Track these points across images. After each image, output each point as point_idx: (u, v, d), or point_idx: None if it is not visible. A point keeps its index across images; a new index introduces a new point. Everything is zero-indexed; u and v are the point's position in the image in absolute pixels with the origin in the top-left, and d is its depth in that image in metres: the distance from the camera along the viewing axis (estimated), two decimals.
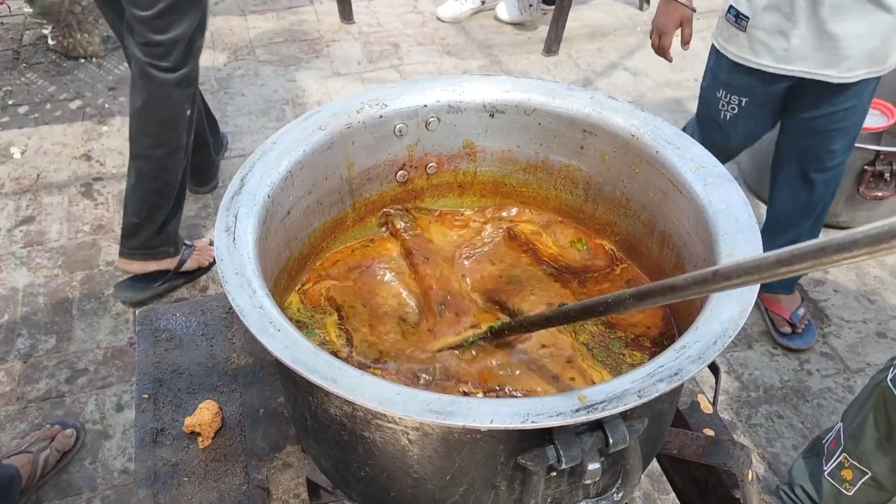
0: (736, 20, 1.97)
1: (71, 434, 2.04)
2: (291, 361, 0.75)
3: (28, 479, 1.91)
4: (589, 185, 1.19)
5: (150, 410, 1.15)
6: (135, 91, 2.16)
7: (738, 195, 0.96)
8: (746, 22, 1.94)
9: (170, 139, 2.21)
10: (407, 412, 0.71)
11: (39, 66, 3.61)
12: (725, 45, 2.05)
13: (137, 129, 2.20)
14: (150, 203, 2.28)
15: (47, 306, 2.48)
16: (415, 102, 1.14)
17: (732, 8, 1.99)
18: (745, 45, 1.99)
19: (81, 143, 3.17)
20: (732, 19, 1.99)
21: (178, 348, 1.25)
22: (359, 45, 3.87)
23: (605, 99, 1.12)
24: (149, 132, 2.19)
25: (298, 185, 1.06)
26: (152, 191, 2.26)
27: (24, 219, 2.80)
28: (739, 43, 2.00)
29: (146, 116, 2.17)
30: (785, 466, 2.14)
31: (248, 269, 0.86)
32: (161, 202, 2.28)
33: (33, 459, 1.93)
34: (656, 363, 0.76)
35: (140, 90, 2.14)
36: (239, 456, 1.09)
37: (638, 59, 3.88)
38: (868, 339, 2.54)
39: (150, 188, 2.25)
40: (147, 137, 2.19)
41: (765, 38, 1.94)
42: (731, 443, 1.05)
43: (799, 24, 1.87)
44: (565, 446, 0.74)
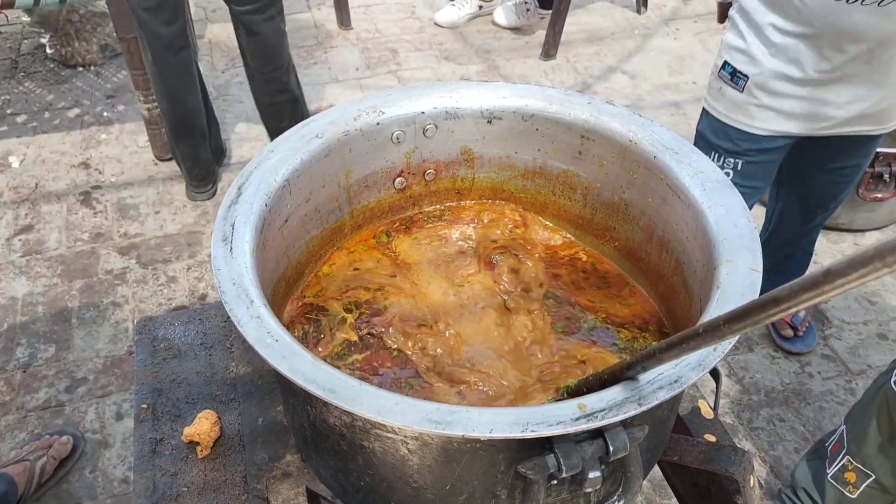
0: (731, 78, 1.76)
1: (67, 441, 2.03)
2: (289, 372, 0.75)
3: (24, 487, 1.90)
4: (587, 191, 1.18)
5: (148, 421, 1.15)
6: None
7: (736, 200, 0.95)
8: (745, 81, 1.73)
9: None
10: (406, 422, 0.70)
11: (38, 75, 3.61)
12: (716, 105, 1.83)
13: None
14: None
15: (46, 315, 2.48)
16: (412, 109, 1.14)
17: (727, 64, 1.77)
18: (741, 107, 1.77)
19: (80, 151, 3.17)
20: (727, 77, 1.77)
21: (176, 358, 1.25)
22: (357, 52, 3.87)
23: (603, 104, 1.12)
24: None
25: (296, 193, 1.05)
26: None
27: (22, 228, 2.80)
28: (735, 104, 1.78)
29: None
30: (787, 470, 2.14)
31: (246, 278, 0.86)
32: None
33: (29, 468, 1.92)
34: (656, 371, 0.76)
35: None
36: (238, 466, 1.09)
37: (636, 63, 3.88)
38: (869, 340, 2.53)
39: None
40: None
41: (767, 99, 1.73)
42: (732, 449, 1.04)
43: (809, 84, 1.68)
44: (566, 455, 0.74)
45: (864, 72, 1.64)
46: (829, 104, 1.70)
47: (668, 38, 4.09)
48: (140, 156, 3.15)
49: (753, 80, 1.71)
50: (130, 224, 2.84)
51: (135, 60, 2.76)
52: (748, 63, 1.72)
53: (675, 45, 4.03)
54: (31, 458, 1.95)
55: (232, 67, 3.69)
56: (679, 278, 1.04)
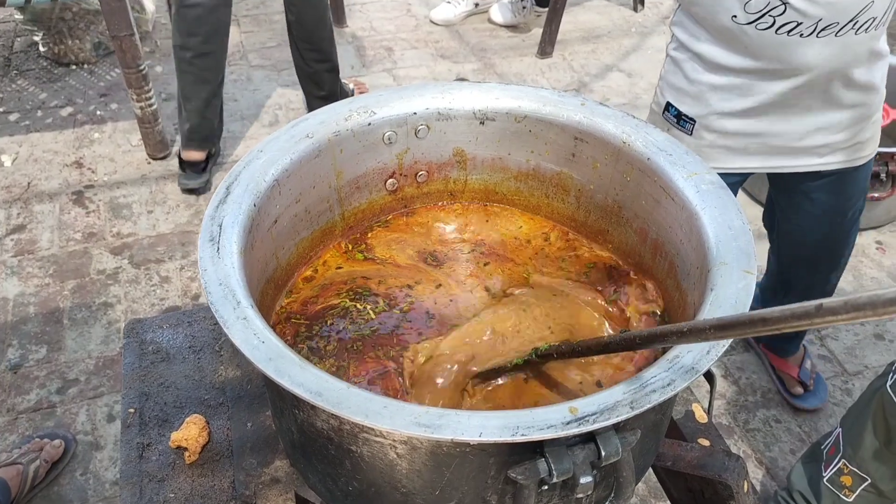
0: (678, 122, 1.66)
1: (59, 444, 2.02)
2: (275, 374, 0.73)
3: (17, 491, 1.89)
4: (581, 193, 1.17)
5: (135, 425, 1.13)
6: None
7: (731, 202, 0.94)
8: (692, 124, 1.63)
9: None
10: (394, 426, 0.69)
11: (30, 73, 3.59)
12: None
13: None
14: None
15: (38, 316, 2.46)
16: (404, 110, 1.12)
17: (671, 106, 1.66)
18: (692, 148, 1.62)
19: (73, 150, 3.15)
20: (673, 120, 1.67)
21: (164, 361, 1.23)
22: (352, 49, 3.86)
23: (596, 106, 1.11)
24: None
25: (286, 193, 1.04)
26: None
27: (14, 227, 2.78)
28: (687, 146, 1.72)
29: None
30: (783, 471, 2.13)
31: (233, 279, 0.84)
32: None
33: (22, 471, 1.91)
34: (648, 374, 0.75)
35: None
36: (226, 471, 1.07)
37: (633, 61, 3.88)
38: (866, 341, 2.53)
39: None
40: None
41: (719, 140, 1.64)
42: (725, 454, 1.03)
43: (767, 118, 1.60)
44: (556, 459, 0.73)
45: (820, 102, 1.55)
46: (783, 135, 1.61)
47: (665, 36, 4.08)
48: (133, 155, 3.14)
49: (700, 122, 1.62)
50: (123, 224, 2.82)
51: (127, 58, 2.74)
52: (693, 104, 1.62)
53: None
54: (23, 462, 1.94)
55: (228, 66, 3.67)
56: (673, 281, 1.03)
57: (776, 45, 1.45)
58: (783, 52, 1.45)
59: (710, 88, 1.58)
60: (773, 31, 1.43)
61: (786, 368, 2.34)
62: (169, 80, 3.57)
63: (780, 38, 1.43)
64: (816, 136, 1.62)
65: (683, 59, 1.61)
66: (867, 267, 2.77)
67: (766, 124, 1.60)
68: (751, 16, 1.43)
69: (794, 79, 1.50)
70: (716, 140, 1.64)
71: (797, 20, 1.40)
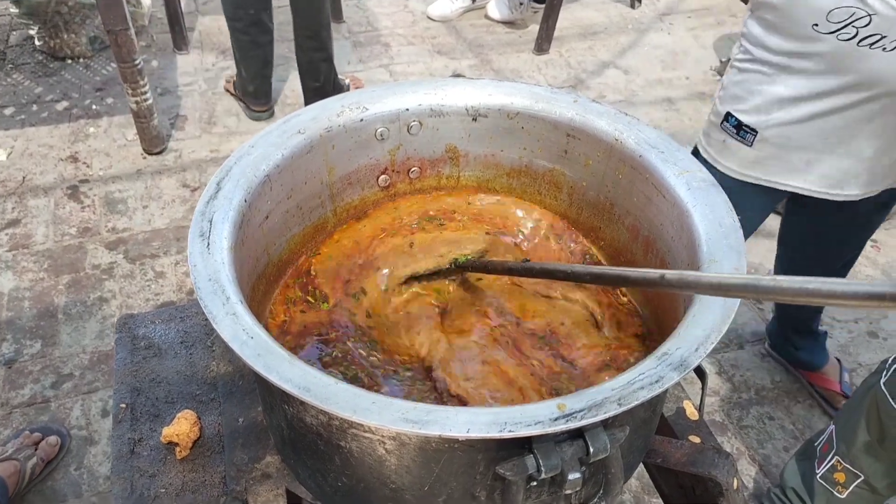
0: (737, 132, 1.60)
1: (55, 442, 2.01)
2: (264, 370, 0.73)
3: (14, 487, 1.89)
4: (573, 190, 1.17)
5: (127, 420, 1.13)
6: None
7: (721, 199, 0.94)
8: (753, 136, 1.58)
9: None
10: (382, 421, 0.69)
11: (26, 67, 3.57)
12: (720, 158, 1.67)
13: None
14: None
15: (32, 310, 2.46)
16: (396, 106, 1.12)
17: (731, 116, 1.61)
18: (750, 160, 1.62)
19: (68, 144, 3.14)
20: (732, 130, 1.61)
21: (156, 356, 1.23)
22: (349, 45, 3.85)
23: (589, 103, 1.11)
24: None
25: (277, 189, 1.04)
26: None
27: (9, 222, 2.78)
28: (740, 157, 1.63)
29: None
30: (776, 468, 2.13)
31: (223, 275, 0.84)
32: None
33: (20, 468, 1.91)
34: (637, 370, 0.75)
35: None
36: (217, 467, 1.07)
37: (629, 58, 3.87)
38: (859, 339, 2.53)
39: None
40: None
41: (778, 153, 1.59)
42: (715, 451, 1.03)
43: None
44: (545, 455, 0.73)
45: (892, 123, 1.48)
46: (846, 156, 1.55)
47: (662, 33, 4.08)
48: (128, 149, 3.13)
49: (762, 133, 1.57)
50: (118, 218, 2.81)
51: (123, 53, 2.73)
52: (756, 114, 1.57)
53: (669, 41, 4.02)
54: (20, 458, 1.93)
55: (222, 60, 3.67)
56: None
57: (855, 58, 1.38)
58: (861, 65, 1.39)
59: (776, 100, 1.53)
60: (854, 43, 1.36)
61: (827, 385, 2.31)
62: (164, 74, 3.56)
63: (862, 50, 1.36)
64: (877, 162, 1.56)
65: (751, 69, 1.56)
66: (862, 265, 2.77)
67: (832, 143, 1.53)
68: (833, 25, 1.36)
69: (869, 94, 1.43)
70: (776, 153, 1.59)
71: (881, 33, 1.34)
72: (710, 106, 1.73)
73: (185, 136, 3.22)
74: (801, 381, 2.38)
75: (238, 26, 3.02)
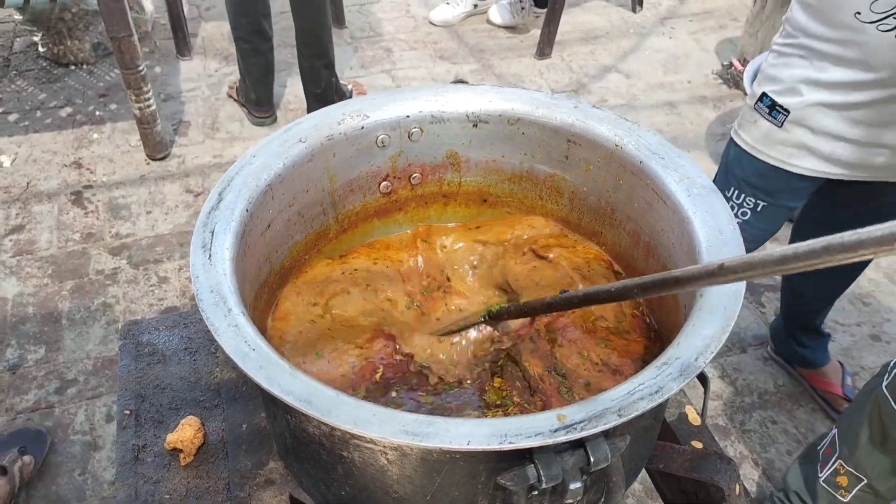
0: (770, 112, 1.61)
1: (29, 461, 1.98)
2: (266, 382, 0.74)
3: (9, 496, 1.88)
4: (574, 195, 1.17)
5: (131, 427, 1.14)
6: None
7: (722, 206, 0.94)
8: (785, 116, 1.58)
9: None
10: (383, 434, 0.70)
11: (30, 74, 3.59)
12: (751, 141, 1.69)
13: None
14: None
15: (37, 316, 2.47)
16: (397, 113, 1.13)
17: (766, 96, 1.61)
18: (779, 140, 1.63)
19: (72, 150, 3.16)
20: (765, 110, 1.62)
21: (160, 363, 1.24)
22: (351, 50, 3.86)
23: (590, 108, 1.11)
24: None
25: (279, 198, 1.04)
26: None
27: (13, 228, 2.79)
28: (771, 138, 1.64)
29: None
30: (779, 472, 2.13)
31: (224, 286, 0.85)
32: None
33: (9, 478, 1.89)
34: (637, 381, 0.75)
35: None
36: (221, 473, 1.08)
37: (631, 62, 3.87)
38: (862, 342, 2.53)
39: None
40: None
41: (808, 137, 1.59)
42: (717, 457, 1.03)
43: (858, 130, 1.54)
44: (546, 465, 0.73)
45: None
46: (874, 147, 1.55)
47: (664, 37, 4.08)
48: (132, 155, 3.14)
49: (794, 114, 1.58)
50: (122, 224, 2.82)
51: (126, 59, 2.74)
52: (790, 95, 1.58)
53: (671, 45, 4.02)
54: (6, 464, 1.91)
55: (225, 66, 3.68)
56: None
57: (892, 50, 1.38)
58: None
59: (811, 82, 1.54)
60: (893, 35, 1.37)
61: (829, 388, 2.31)
62: (168, 80, 3.57)
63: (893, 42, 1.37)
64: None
65: (790, 53, 1.58)
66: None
67: (860, 132, 1.54)
68: (875, 15, 1.37)
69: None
70: (803, 137, 1.59)
71: None
72: (712, 109, 1.73)
73: (188, 141, 3.23)
74: (803, 384, 2.38)
75: (240, 34, 3.05)
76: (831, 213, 1.83)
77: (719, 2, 4.38)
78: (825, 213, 1.85)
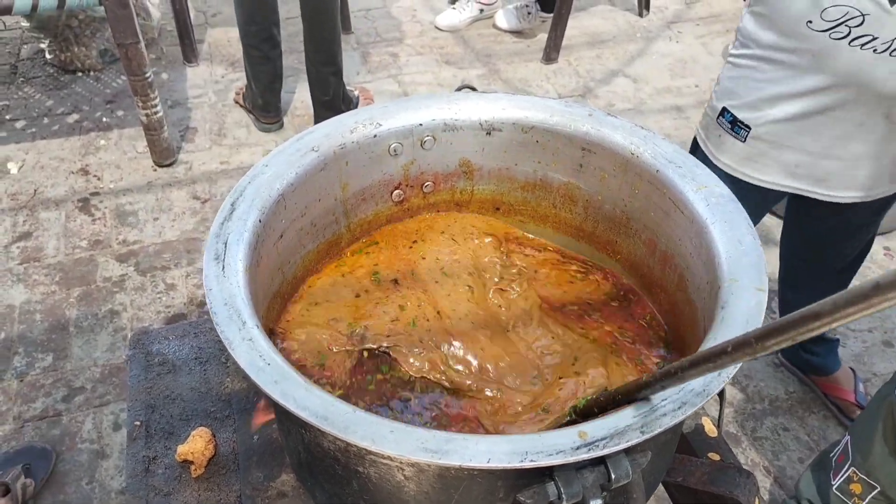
0: (732, 128, 1.62)
1: (30, 484, 1.95)
2: (281, 397, 0.73)
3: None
4: (588, 204, 1.16)
5: (141, 438, 1.13)
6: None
7: (741, 217, 0.93)
8: (747, 133, 1.60)
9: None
10: (400, 451, 0.68)
11: (37, 80, 3.59)
12: (716, 153, 1.69)
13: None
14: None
15: (44, 323, 2.46)
16: (409, 121, 1.12)
17: (727, 112, 1.63)
18: (744, 156, 1.64)
19: (79, 157, 3.15)
20: (727, 126, 1.63)
21: (171, 373, 1.23)
22: (357, 56, 3.85)
23: (605, 116, 1.10)
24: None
25: (291, 207, 1.03)
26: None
27: (20, 235, 2.78)
28: (735, 153, 1.65)
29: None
30: (791, 480, 2.11)
31: (238, 298, 0.84)
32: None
33: (12, 496, 1.87)
34: (659, 396, 0.74)
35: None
36: (233, 485, 1.07)
37: (638, 66, 3.86)
38: (874, 348, 2.50)
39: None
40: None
41: (771, 151, 1.60)
42: (737, 470, 1.02)
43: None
44: (566, 483, 0.72)
45: (880, 128, 1.49)
46: (837, 159, 1.56)
47: (671, 41, 4.07)
48: (139, 162, 3.14)
49: (755, 129, 1.58)
50: (129, 231, 2.82)
51: (133, 66, 2.74)
52: (750, 110, 1.58)
53: (678, 49, 4.01)
54: (8, 480, 1.89)
55: (232, 72, 3.68)
56: (683, 295, 1.02)
57: (845, 58, 1.38)
58: (851, 66, 1.39)
59: (768, 97, 1.54)
60: (845, 42, 1.36)
61: (841, 395, 2.28)
62: (174, 87, 3.57)
63: (853, 50, 1.36)
64: (867, 166, 1.56)
65: (744, 64, 1.58)
66: (874, 273, 2.74)
67: (822, 144, 1.54)
68: (826, 23, 1.37)
69: (857, 96, 1.44)
70: (768, 151, 1.60)
71: (873, 34, 1.33)
72: None
73: (195, 147, 3.23)
74: (815, 391, 2.35)
75: (250, 42, 3.05)
76: (807, 226, 1.89)
77: (726, 6, 4.36)
78: (802, 225, 1.90)
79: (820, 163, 1.58)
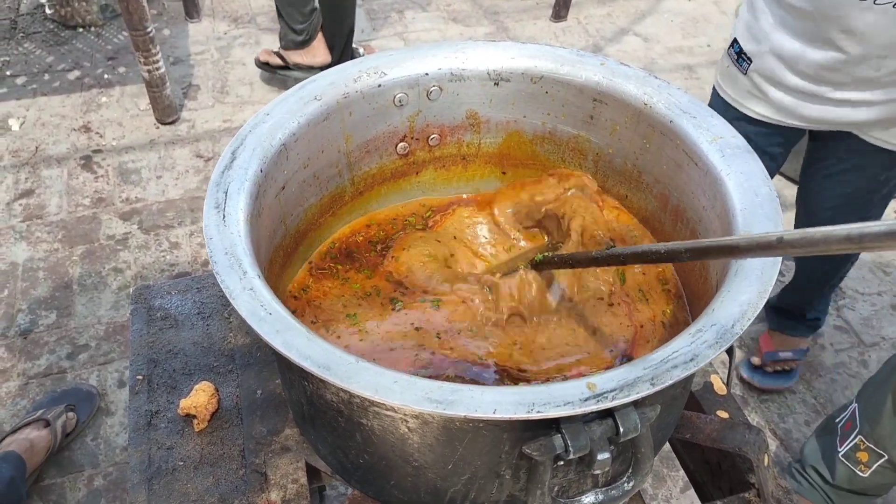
0: (737, 59, 1.67)
1: (72, 418, 2.01)
2: (283, 347, 0.71)
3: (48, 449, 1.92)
4: (599, 158, 1.13)
5: (144, 392, 1.12)
6: None
7: (757, 167, 0.90)
8: (748, 65, 1.64)
9: None
10: (405, 401, 0.67)
11: (37, 36, 3.54)
12: (723, 84, 1.75)
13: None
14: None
15: (47, 281, 2.45)
16: (415, 70, 1.08)
17: (736, 43, 1.67)
18: (745, 89, 1.69)
19: (80, 114, 3.12)
20: (734, 56, 1.68)
21: (173, 328, 1.21)
22: (362, 13, 3.78)
23: (617, 66, 1.06)
24: None
25: (293, 158, 1.01)
26: None
27: (22, 192, 2.76)
28: (739, 85, 1.70)
29: None
30: (797, 443, 2.11)
31: (239, 248, 0.81)
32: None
33: (51, 431, 1.92)
34: (670, 348, 0.72)
35: None
36: (236, 439, 1.06)
37: (648, 25, 3.78)
38: (883, 311, 2.48)
39: None
40: None
41: (764, 85, 1.65)
42: (745, 427, 1.00)
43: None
44: (573, 435, 0.70)
45: (872, 78, 1.50)
46: (828, 101, 1.58)
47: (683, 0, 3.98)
48: (141, 119, 3.10)
49: (756, 62, 1.62)
50: (132, 189, 2.79)
51: (134, 20, 2.69)
52: (754, 43, 1.61)
53: (689, 7, 3.92)
54: (49, 417, 1.94)
55: (235, 29, 3.61)
56: None
57: (847, 6, 1.38)
58: (851, 14, 1.39)
59: (770, 32, 1.56)
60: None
61: (764, 344, 2.28)
62: (176, 43, 3.51)
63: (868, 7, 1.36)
64: (865, 109, 1.58)
65: (759, 7, 1.59)
66: None
67: (820, 88, 1.57)
68: None
69: (852, 45, 1.44)
70: (765, 87, 1.64)
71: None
72: None
73: (197, 105, 3.19)
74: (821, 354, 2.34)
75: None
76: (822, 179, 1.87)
77: None
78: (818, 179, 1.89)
79: (815, 107, 1.61)
